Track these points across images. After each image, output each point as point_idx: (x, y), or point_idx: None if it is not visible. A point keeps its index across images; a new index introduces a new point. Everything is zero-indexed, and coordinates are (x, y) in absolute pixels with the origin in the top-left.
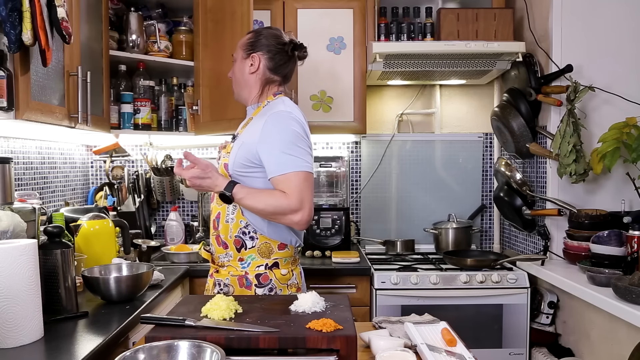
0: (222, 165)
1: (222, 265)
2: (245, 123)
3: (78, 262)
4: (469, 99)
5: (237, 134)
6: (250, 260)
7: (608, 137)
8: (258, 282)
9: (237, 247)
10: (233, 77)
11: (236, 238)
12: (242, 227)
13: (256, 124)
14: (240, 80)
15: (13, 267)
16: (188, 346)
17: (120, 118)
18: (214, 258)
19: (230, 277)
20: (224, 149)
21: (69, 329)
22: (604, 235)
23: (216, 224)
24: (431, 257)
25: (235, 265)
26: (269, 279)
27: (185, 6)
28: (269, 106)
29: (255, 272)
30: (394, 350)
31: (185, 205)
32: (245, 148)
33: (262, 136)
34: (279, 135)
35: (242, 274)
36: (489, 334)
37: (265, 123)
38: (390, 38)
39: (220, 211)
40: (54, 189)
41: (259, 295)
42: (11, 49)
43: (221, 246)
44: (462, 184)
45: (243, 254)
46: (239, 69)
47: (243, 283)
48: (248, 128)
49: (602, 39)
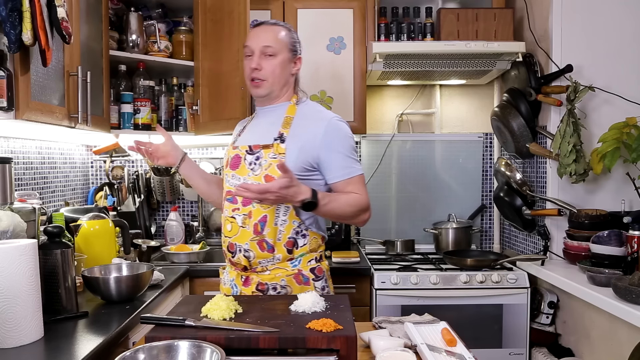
0: (275, 167)
1: (264, 269)
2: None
3: (78, 262)
4: (469, 99)
5: (283, 134)
6: (301, 257)
7: (608, 137)
8: (315, 276)
9: (289, 249)
10: (269, 72)
11: (289, 240)
12: (295, 227)
13: (308, 126)
14: (280, 77)
15: (13, 267)
16: (188, 346)
17: (120, 118)
18: (251, 263)
19: (286, 278)
20: (265, 149)
21: (69, 329)
22: (604, 235)
23: (259, 228)
24: (431, 257)
25: (284, 267)
26: (323, 271)
27: (185, 6)
28: (308, 107)
29: (308, 267)
30: (394, 350)
31: (185, 205)
32: (305, 152)
33: (325, 142)
34: (343, 141)
35: (295, 272)
36: (489, 334)
37: (327, 129)
38: (390, 38)
39: (268, 214)
40: (54, 189)
41: (258, 295)
42: (11, 49)
43: (266, 251)
44: (462, 184)
45: (294, 254)
46: (283, 67)
47: (300, 280)
48: (297, 130)
49: (602, 38)
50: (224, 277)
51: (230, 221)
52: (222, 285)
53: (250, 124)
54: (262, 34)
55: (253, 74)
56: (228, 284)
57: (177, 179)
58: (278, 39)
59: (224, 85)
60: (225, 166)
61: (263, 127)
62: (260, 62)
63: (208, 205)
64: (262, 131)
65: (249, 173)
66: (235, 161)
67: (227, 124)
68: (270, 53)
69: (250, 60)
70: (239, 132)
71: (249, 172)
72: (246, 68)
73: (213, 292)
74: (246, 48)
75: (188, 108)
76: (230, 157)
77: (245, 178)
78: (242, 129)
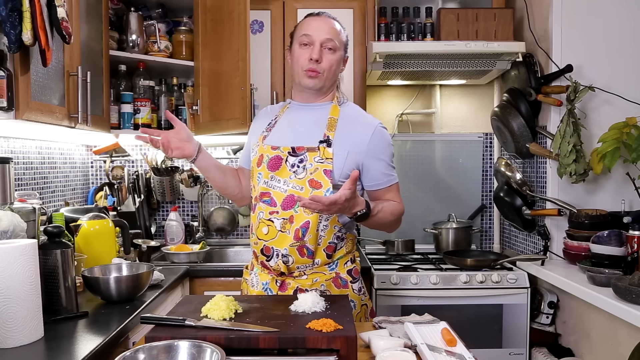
0: (322, 172)
1: (301, 274)
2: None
3: (78, 262)
4: (469, 99)
5: (330, 138)
6: (338, 260)
7: (608, 137)
8: (352, 278)
9: (329, 253)
10: (326, 66)
11: (329, 244)
12: (335, 232)
13: (354, 131)
14: (334, 74)
15: (13, 267)
16: (188, 346)
17: (120, 118)
18: (289, 268)
19: (325, 283)
20: (310, 152)
21: (69, 329)
22: (604, 235)
23: (300, 234)
24: (431, 257)
25: (322, 271)
26: (358, 272)
27: (185, 6)
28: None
29: (346, 270)
30: (394, 350)
31: (185, 205)
32: (352, 158)
33: (370, 148)
34: (386, 149)
35: (333, 276)
36: (489, 334)
37: (373, 136)
38: (390, 38)
39: (311, 220)
40: (54, 189)
41: (258, 295)
42: (11, 49)
43: (305, 257)
44: (462, 184)
45: (333, 257)
46: (338, 64)
47: (339, 284)
48: (343, 134)
49: (602, 39)
50: (251, 279)
51: (266, 224)
52: (248, 286)
53: (283, 119)
54: (324, 25)
55: (311, 65)
56: (260, 287)
57: (177, 179)
58: (338, 36)
59: (224, 85)
60: (258, 164)
61: (304, 127)
62: (323, 56)
63: (208, 205)
64: (303, 131)
65: (291, 176)
66: (276, 162)
67: (227, 124)
68: (330, 47)
69: (309, 49)
70: (268, 126)
71: (290, 175)
72: (301, 57)
73: (213, 292)
74: (305, 37)
75: (188, 108)
76: (269, 157)
77: (287, 180)
78: (271, 123)
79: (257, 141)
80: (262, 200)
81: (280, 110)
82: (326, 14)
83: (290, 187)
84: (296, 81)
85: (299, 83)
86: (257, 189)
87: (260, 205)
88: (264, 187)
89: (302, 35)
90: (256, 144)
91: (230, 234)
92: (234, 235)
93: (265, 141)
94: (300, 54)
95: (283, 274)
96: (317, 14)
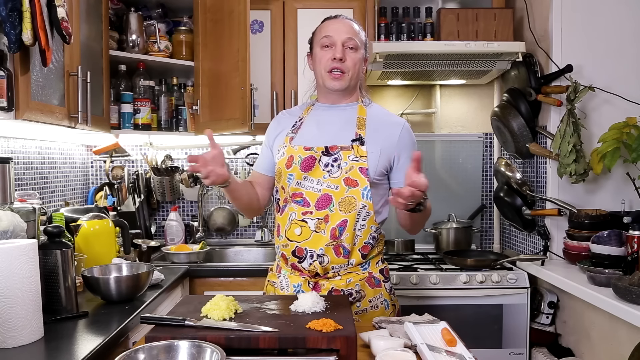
0: (357, 170)
1: (335, 275)
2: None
3: (78, 262)
4: (469, 99)
5: (362, 136)
6: (370, 260)
7: (608, 137)
8: (384, 277)
9: (364, 254)
10: (350, 66)
11: (365, 244)
12: (372, 232)
13: (384, 129)
14: (358, 73)
15: (13, 267)
16: (188, 346)
17: (120, 118)
18: (324, 268)
19: (360, 283)
20: (344, 150)
21: (69, 329)
22: (604, 235)
23: (337, 233)
24: (431, 257)
25: (355, 271)
26: (389, 271)
27: (185, 6)
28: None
29: (378, 269)
30: (394, 350)
31: (185, 205)
32: (385, 155)
33: (400, 145)
34: (414, 147)
35: (367, 276)
36: (489, 334)
37: (402, 134)
38: (390, 38)
39: (348, 219)
40: (54, 189)
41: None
42: (11, 49)
43: (341, 256)
44: (462, 184)
45: (367, 257)
46: (361, 63)
47: (373, 283)
48: (373, 132)
49: (603, 38)
50: (280, 282)
51: (299, 225)
52: (277, 289)
53: (310, 120)
54: (343, 26)
55: (335, 64)
56: (290, 289)
57: (177, 179)
58: (358, 35)
59: (224, 85)
60: (287, 166)
61: (335, 127)
62: (347, 56)
63: (208, 205)
64: (335, 130)
65: (325, 175)
66: (310, 162)
67: (227, 124)
68: (352, 46)
69: (331, 50)
70: (294, 127)
71: (324, 174)
72: (324, 58)
73: (213, 292)
74: (326, 38)
75: (188, 108)
76: (301, 157)
77: (320, 180)
78: (297, 124)
79: (283, 142)
80: (294, 201)
81: (304, 112)
82: (343, 16)
83: (325, 186)
84: (320, 84)
85: (323, 85)
86: (287, 191)
87: (291, 206)
88: (295, 187)
89: (323, 37)
90: (283, 145)
91: (230, 234)
92: (234, 235)
93: (294, 142)
94: (323, 55)
95: (317, 275)
96: (335, 16)
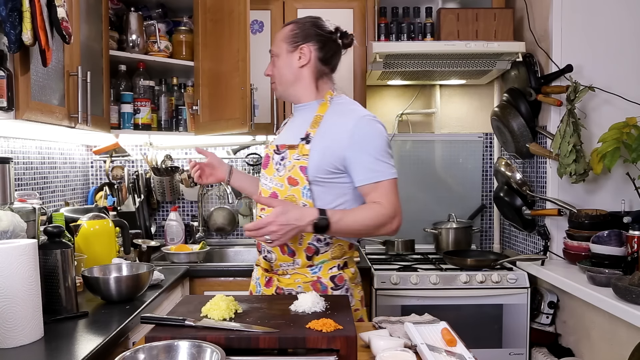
0: (298, 169)
1: (284, 273)
2: (313, 121)
3: (78, 262)
4: (469, 99)
5: (310, 134)
6: (322, 264)
7: (608, 137)
8: (334, 285)
9: (309, 255)
10: (276, 75)
11: (309, 246)
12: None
13: (336, 125)
14: (288, 77)
15: (13, 267)
16: (188, 346)
17: (120, 118)
18: (272, 265)
19: (303, 285)
20: (290, 149)
21: (69, 329)
22: (604, 235)
23: None
24: (431, 257)
25: (304, 272)
26: (344, 280)
27: (185, 6)
28: (341, 105)
29: (329, 275)
30: (394, 350)
31: (185, 205)
32: (331, 153)
33: (353, 142)
34: (373, 142)
35: (314, 279)
36: (489, 334)
37: (356, 128)
38: (390, 38)
39: None
40: (54, 189)
41: (258, 295)
42: (11, 49)
43: (286, 254)
44: (462, 184)
45: (314, 260)
46: (286, 64)
47: (318, 288)
48: (325, 130)
49: (602, 38)
50: (254, 274)
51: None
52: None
53: (288, 121)
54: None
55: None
56: (254, 282)
57: (177, 179)
58: (277, 40)
59: (224, 85)
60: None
61: (295, 127)
62: (271, 67)
63: (208, 205)
64: (294, 131)
65: (275, 173)
66: (266, 161)
67: (227, 124)
68: (273, 54)
69: None
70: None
71: (274, 173)
72: None
73: (213, 292)
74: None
75: (188, 108)
76: (263, 156)
77: (272, 178)
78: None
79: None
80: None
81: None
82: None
83: (274, 184)
84: None
85: None
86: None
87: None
88: (260, 185)
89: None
90: None
91: (230, 234)
92: (234, 235)
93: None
94: None
95: (269, 270)
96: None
